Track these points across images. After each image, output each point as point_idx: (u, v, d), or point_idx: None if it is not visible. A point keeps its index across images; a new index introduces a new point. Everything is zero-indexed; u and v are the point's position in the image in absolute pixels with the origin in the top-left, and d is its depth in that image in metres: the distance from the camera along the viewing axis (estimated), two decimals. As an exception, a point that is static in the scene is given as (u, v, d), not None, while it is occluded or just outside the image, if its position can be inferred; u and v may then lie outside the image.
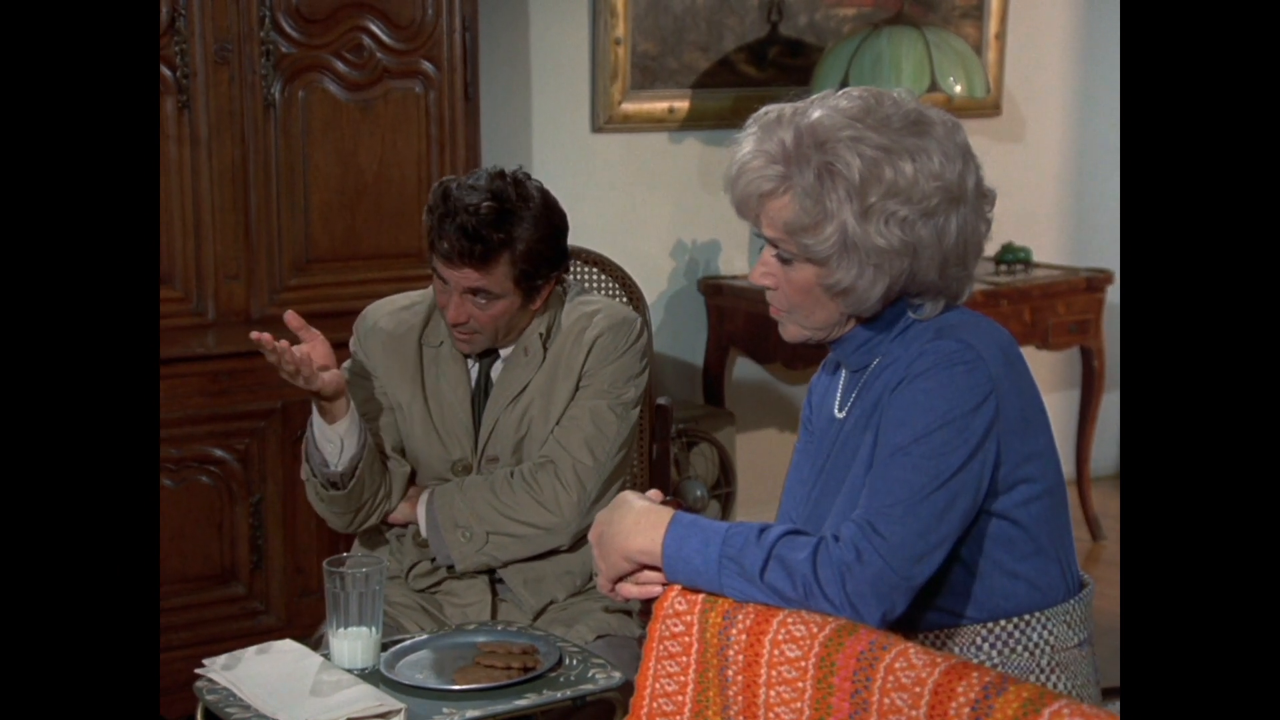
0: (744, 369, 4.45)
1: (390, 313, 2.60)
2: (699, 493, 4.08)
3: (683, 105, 4.24)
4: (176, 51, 3.21)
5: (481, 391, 2.55)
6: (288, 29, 3.33)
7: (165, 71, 3.22)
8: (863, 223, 1.74)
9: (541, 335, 2.52)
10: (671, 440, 3.33)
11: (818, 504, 1.86)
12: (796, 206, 1.76)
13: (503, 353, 2.54)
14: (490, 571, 2.53)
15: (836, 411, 1.88)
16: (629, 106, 4.17)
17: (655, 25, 4.17)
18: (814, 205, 1.75)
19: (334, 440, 2.40)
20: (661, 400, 3.20)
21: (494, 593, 2.54)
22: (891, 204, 1.74)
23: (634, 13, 4.13)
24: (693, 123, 4.27)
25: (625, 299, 3.59)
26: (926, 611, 1.77)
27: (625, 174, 4.23)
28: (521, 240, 2.39)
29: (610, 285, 3.48)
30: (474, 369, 2.56)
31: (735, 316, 4.26)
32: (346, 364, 2.57)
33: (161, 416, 3.13)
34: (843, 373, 1.90)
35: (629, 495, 1.83)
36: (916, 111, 1.78)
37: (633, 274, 3.30)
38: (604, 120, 4.17)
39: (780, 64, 4.32)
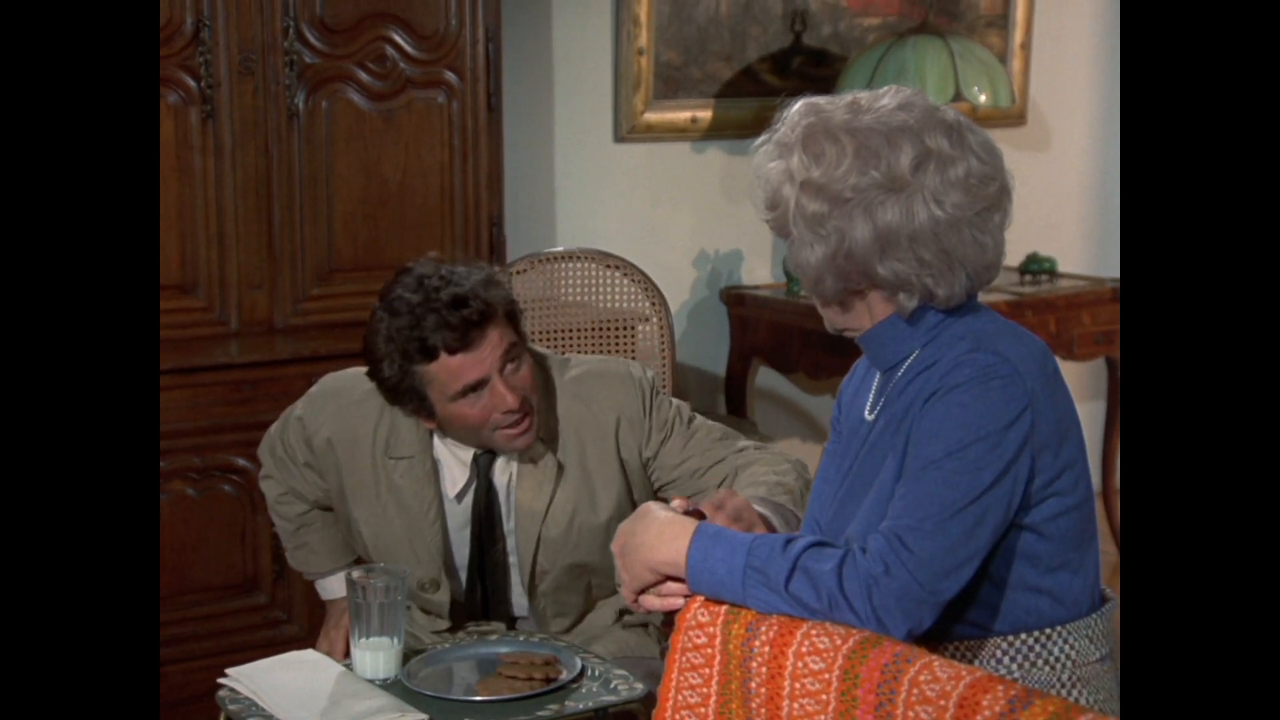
0: (767, 379, 4.44)
1: (339, 421, 2.38)
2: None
3: (705, 115, 4.24)
4: (201, 62, 3.23)
5: (482, 501, 2.37)
6: (311, 39, 3.34)
7: (189, 82, 3.23)
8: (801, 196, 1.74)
9: (543, 439, 2.34)
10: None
11: (843, 505, 1.84)
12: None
13: (505, 457, 2.35)
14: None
15: (867, 413, 1.86)
16: (652, 116, 4.17)
17: (678, 35, 4.17)
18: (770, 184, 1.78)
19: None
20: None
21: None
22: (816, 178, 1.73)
23: (657, 23, 4.13)
24: (715, 132, 4.26)
25: (649, 303, 3.58)
26: (948, 624, 1.75)
27: (648, 183, 4.23)
28: (488, 293, 2.25)
29: (632, 289, 3.48)
30: (460, 482, 2.37)
31: (758, 326, 4.25)
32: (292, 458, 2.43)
33: (184, 426, 3.14)
34: (875, 375, 1.89)
35: (652, 506, 1.82)
36: (869, 96, 1.78)
37: (658, 283, 3.30)
38: (626, 130, 4.17)
39: (804, 73, 4.31)
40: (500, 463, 2.36)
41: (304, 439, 2.42)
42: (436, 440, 2.36)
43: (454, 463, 2.37)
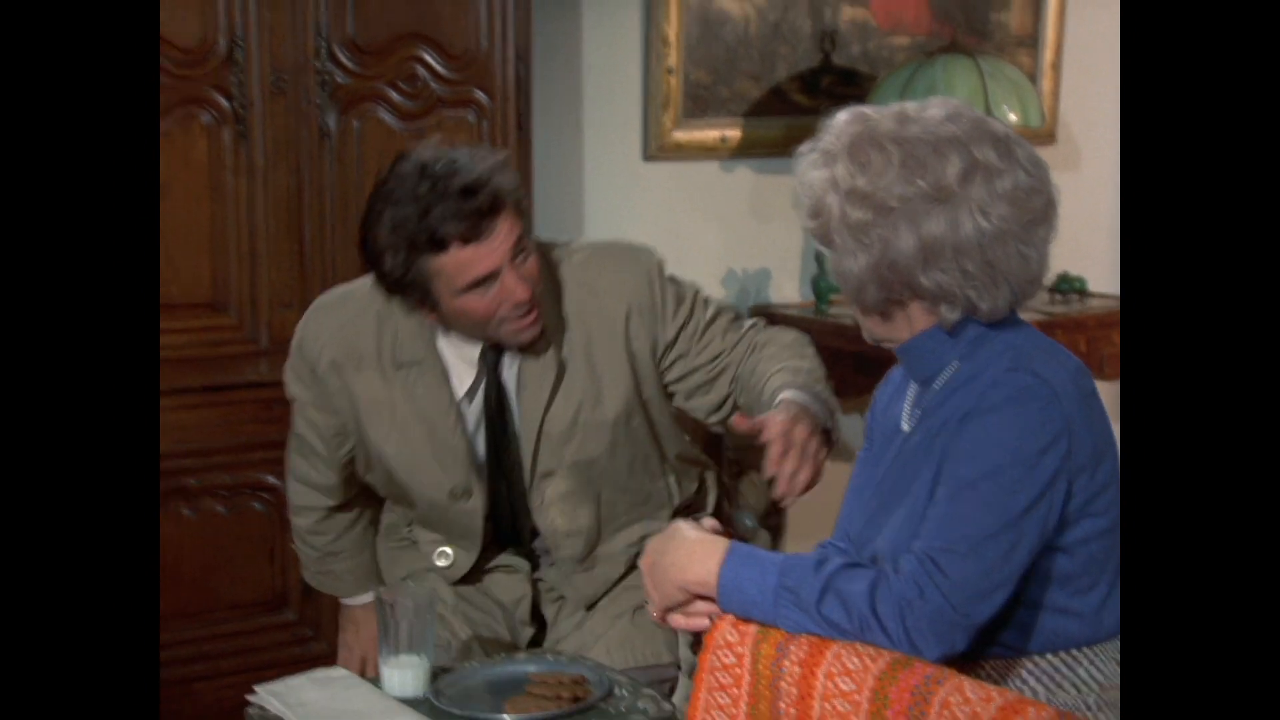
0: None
1: (338, 339, 2.29)
2: (749, 522, 4.05)
3: (734, 134, 4.24)
4: (234, 82, 3.25)
5: (493, 402, 2.29)
6: (343, 59, 3.35)
7: (222, 102, 3.25)
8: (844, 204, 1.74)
9: (547, 331, 2.26)
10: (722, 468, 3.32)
11: (874, 517, 1.83)
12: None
13: (510, 351, 2.27)
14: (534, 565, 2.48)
15: (903, 424, 1.85)
16: (681, 135, 4.17)
17: (708, 54, 4.17)
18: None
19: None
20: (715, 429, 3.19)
21: (535, 589, 2.50)
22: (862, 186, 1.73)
23: (687, 42, 4.13)
24: (744, 151, 4.26)
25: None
26: (977, 644, 1.74)
27: (676, 202, 4.23)
28: (498, 180, 2.14)
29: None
30: (467, 381, 2.29)
31: (787, 345, 4.23)
32: (296, 413, 2.40)
33: (215, 444, 3.16)
34: (910, 384, 1.88)
35: (682, 525, 1.82)
36: (917, 107, 1.77)
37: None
38: (655, 149, 4.17)
39: (833, 93, 4.31)
40: (507, 358, 2.27)
41: (309, 370, 2.32)
42: (441, 340, 2.27)
43: (460, 363, 2.28)
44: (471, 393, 2.30)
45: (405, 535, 2.54)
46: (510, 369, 2.29)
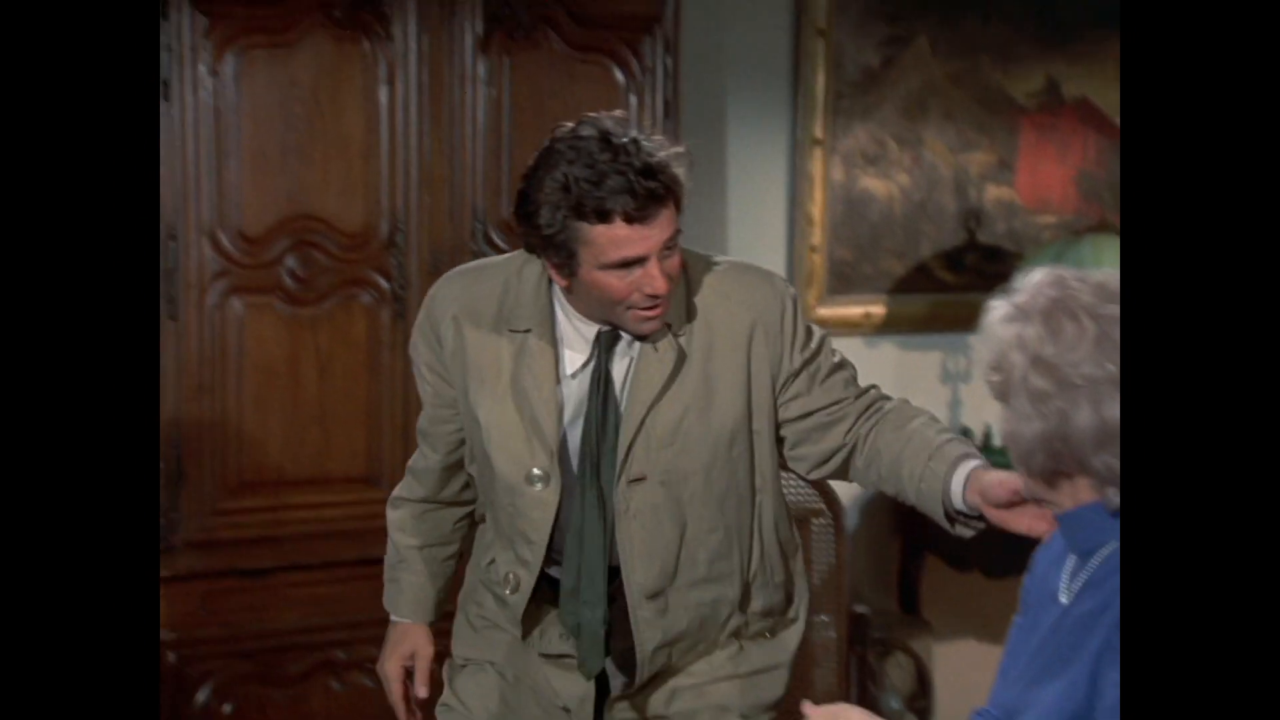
0: (941, 575, 4.35)
1: (464, 298, 2.27)
2: (895, 705, 3.96)
3: (878, 310, 4.26)
4: (393, 264, 3.37)
5: (599, 390, 2.22)
6: (497, 240, 3.46)
7: (382, 283, 3.37)
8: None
9: (669, 326, 2.20)
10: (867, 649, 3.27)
11: (1028, 688, 1.78)
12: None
13: (626, 341, 2.22)
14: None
15: (1060, 595, 1.81)
16: (824, 311, 4.21)
17: (852, 233, 4.22)
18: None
19: None
20: (859, 608, 3.15)
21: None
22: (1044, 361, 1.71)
23: (831, 221, 4.19)
24: (888, 328, 4.28)
25: (819, 498, 3.56)
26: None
27: (821, 378, 4.25)
28: (675, 169, 2.11)
29: (802, 483, 3.47)
30: (577, 362, 2.22)
31: (930, 521, 4.17)
32: (418, 364, 2.34)
33: (364, 617, 3.16)
34: (1070, 554, 1.82)
35: (853, 714, 1.79)
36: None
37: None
38: (800, 325, 4.20)
39: (978, 270, 4.32)
40: (620, 349, 2.22)
41: (433, 329, 2.30)
42: (559, 313, 2.23)
43: (574, 341, 2.22)
44: (578, 375, 2.24)
45: (486, 574, 2.43)
46: (621, 362, 2.23)
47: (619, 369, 2.23)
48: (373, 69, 3.29)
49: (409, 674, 2.46)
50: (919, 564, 4.25)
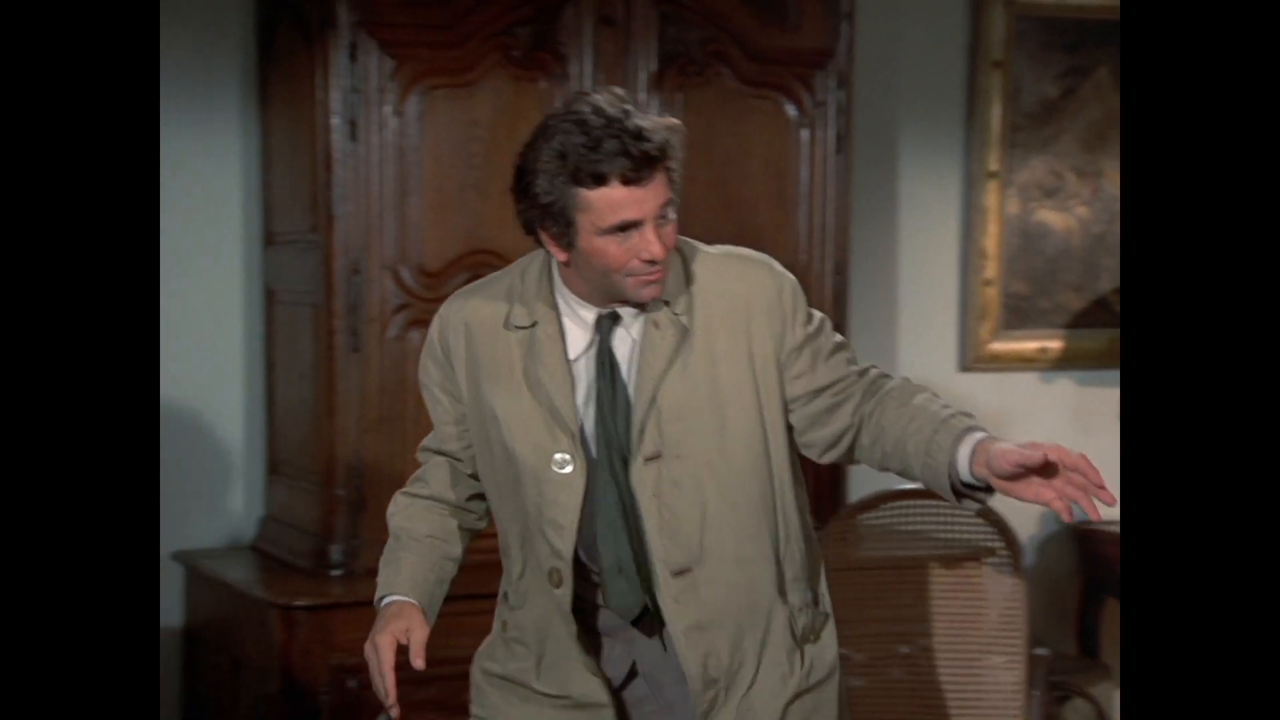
0: (1119, 616, 4.24)
1: (470, 307, 2.33)
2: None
3: (1055, 345, 4.18)
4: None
5: (606, 372, 2.26)
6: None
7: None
8: None
9: (668, 303, 2.24)
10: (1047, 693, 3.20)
11: None
12: None
13: (626, 316, 2.26)
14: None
15: None
16: (998, 346, 4.15)
17: (1028, 266, 4.16)
18: None
19: None
20: (1039, 650, 3.08)
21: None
22: None
23: (1006, 254, 4.14)
24: (1066, 363, 4.20)
25: (997, 537, 3.50)
26: None
27: (994, 413, 4.18)
28: (669, 135, 2.17)
29: (977, 523, 3.41)
30: (581, 344, 2.27)
31: (1108, 563, 4.08)
32: (425, 382, 2.37)
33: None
34: None
35: None
36: None
37: (1005, 516, 3.23)
38: (972, 359, 4.15)
39: (1159, 304, 4.23)
40: (621, 330, 2.26)
41: (441, 346, 2.35)
42: (561, 304, 2.28)
43: (576, 325, 2.27)
44: (583, 356, 2.28)
45: (513, 613, 2.41)
46: (624, 344, 2.27)
47: (623, 350, 2.28)
48: (550, 107, 3.36)
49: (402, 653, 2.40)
50: (1099, 605, 4.15)
